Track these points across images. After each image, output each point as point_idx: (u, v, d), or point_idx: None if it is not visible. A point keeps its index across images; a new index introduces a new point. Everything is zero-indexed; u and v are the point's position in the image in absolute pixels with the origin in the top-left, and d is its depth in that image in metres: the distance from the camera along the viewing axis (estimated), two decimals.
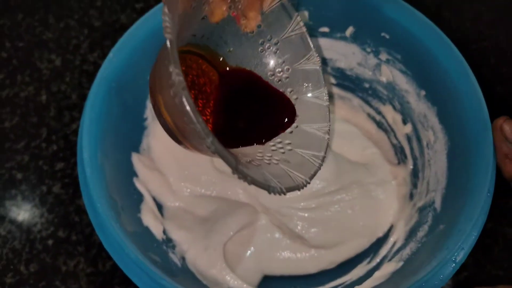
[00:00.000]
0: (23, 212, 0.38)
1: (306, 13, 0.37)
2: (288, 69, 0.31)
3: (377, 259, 0.33)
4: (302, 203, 0.36)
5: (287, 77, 0.32)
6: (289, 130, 0.30)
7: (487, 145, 0.28)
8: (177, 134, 0.27)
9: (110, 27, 0.47)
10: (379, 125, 0.39)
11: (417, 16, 0.33)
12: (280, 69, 0.32)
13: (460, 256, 0.25)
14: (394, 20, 0.34)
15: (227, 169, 0.37)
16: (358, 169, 0.37)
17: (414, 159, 0.36)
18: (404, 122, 0.37)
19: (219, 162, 0.38)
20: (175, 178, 0.36)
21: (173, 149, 0.37)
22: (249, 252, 0.34)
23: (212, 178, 0.37)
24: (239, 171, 0.24)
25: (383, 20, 0.34)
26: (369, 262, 0.34)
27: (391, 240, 0.34)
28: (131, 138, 0.35)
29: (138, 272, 0.26)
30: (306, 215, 0.35)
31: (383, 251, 0.33)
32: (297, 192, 0.26)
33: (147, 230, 0.32)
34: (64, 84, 0.44)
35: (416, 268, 0.27)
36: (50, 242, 0.37)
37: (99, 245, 0.37)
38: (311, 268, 0.34)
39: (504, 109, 0.43)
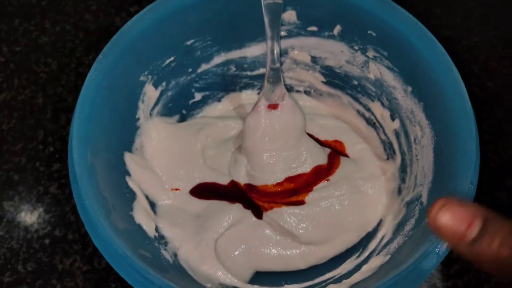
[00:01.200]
0: (20, 213, 0.39)
1: (293, 13, 0.37)
2: None
3: (366, 253, 0.34)
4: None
5: None
6: None
7: (470, 139, 0.28)
8: None
9: (105, 30, 0.48)
10: (368, 121, 0.40)
11: (402, 13, 0.34)
12: None
13: (444, 249, 0.26)
14: (380, 18, 0.34)
15: (220, 167, 0.38)
16: (347, 165, 0.37)
17: (402, 154, 0.36)
18: (392, 118, 0.37)
19: (211, 160, 0.38)
20: (168, 176, 0.37)
21: (165, 148, 0.38)
22: (240, 248, 0.34)
23: (205, 176, 0.38)
24: None
25: (370, 18, 0.35)
26: (358, 256, 0.34)
27: (380, 234, 0.34)
28: (124, 138, 0.36)
29: (127, 267, 0.26)
30: (296, 211, 0.35)
31: (371, 246, 0.34)
32: None
33: (139, 228, 0.33)
34: (60, 87, 0.45)
35: (400, 261, 0.28)
36: (47, 241, 0.38)
37: (94, 244, 0.37)
38: (301, 264, 0.34)
39: (496, 104, 0.44)
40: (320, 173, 0.36)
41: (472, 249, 0.19)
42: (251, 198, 0.36)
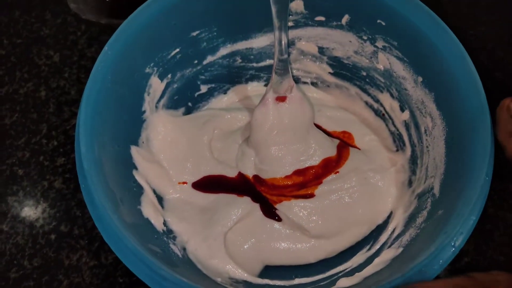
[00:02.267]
0: (25, 208, 0.39)
1: (301, 3, 0.37)
2: None
3: (377, 246, 0.33)
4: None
5: None
6: None
7: (484, 129, 0.28)
8: None
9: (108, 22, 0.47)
10: (377, 113, 0.39)
11: (413, 1, 0.33)
12: None
13: (459, 241, 0.25)
14: (389, 7, 0.34)
15: (227, 159, 0.38)
16: (356, 156, 0.37)
17: (413, 145, 0.36)
18: (402, 109, 0.37)
19: (218, 153, 0.38)
20: (175, 170, 0.36)
21: (171, 141, 0.37)
22: (249, 242, 0.34)
23: (212, 169, 0.37)
24: None
25: (379, 6, 0.34)
26: (369, 249, 0.34)
27: (391, 227, 0.34)
28: (130, 131, 0.35)
29: (137, 262, 0.26)
30: (305, 204, 0.35)
31: (382, 238, 0.34)
32: None
33: (147, 222, 0.33)
34: (63, 79, 0.45)
35: (415, 254, 0.27)
36: (52, 236, 0.37)
37: (101, 239, 0.37)
38: (311, 258, 0.34)
39: (502, 94, 0.43)
40: (329, 165, 0.36)
41: None
42: (260, 192, 0.36)
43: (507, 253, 0.36)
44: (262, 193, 0.36)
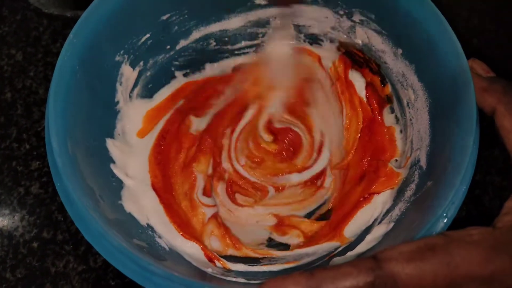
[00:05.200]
0: (1, 217, 0.37)
1: None
2: None
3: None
4: None
5: None
6: None
7: (468, 96, 0.28)
8: None
9: None
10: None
11: None
12: None
13: (452, 211, 0.25)
14: None
15: None
16: None
17: (396, 119, 0.36)
18: (383, 83, 0.36)
19: None
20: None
21: (149, 131, 0.36)
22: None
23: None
24: None
25: None
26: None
27: (379, 202, 0.33)
28: (104, 123, 0.34)
29: (124, 259, 0.25)
30: None
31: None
32: None
33: (130, 217, 0.31)
34: (29, 79, 0.42)
35: (407, 227, 0.27)
36: (35, 244, 0.36)
37: (87, 241, 0.35)
38: None
39: (481, 60, 0.43)
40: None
41: None
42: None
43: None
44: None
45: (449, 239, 0.22)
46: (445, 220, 0.25)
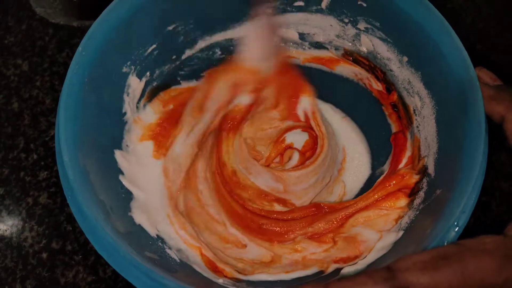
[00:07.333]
0: (10, 228, 0.37)
1: None
2: None
3: None
4: None
5: None
6: None
7: (477, 104, 0.28)
8: None
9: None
10: None
11: None
12: None
13: (463, 220, 0.25)
14: None
15: None
16: None
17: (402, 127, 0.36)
18: (388, 91, 0.36)
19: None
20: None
21: None
22: None
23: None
24: None
25: None
26: None
27: None
28: (112, 135, 0.34)
29: (136, 273, 0.25)
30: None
31: None
32: None
33: (140, 229, 0.32)
34: (35, 89, 0.42)
35: (417, 236, 0.27)
36: (44, 255, 0.36)
37: (96, 252, 0.35)
38: None
39: (485, 66, 0.43)
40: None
41: None
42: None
43: (506, 221, 0.36)
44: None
45: (462, 248, 0.22)
46: (456, 229, 0.25)
